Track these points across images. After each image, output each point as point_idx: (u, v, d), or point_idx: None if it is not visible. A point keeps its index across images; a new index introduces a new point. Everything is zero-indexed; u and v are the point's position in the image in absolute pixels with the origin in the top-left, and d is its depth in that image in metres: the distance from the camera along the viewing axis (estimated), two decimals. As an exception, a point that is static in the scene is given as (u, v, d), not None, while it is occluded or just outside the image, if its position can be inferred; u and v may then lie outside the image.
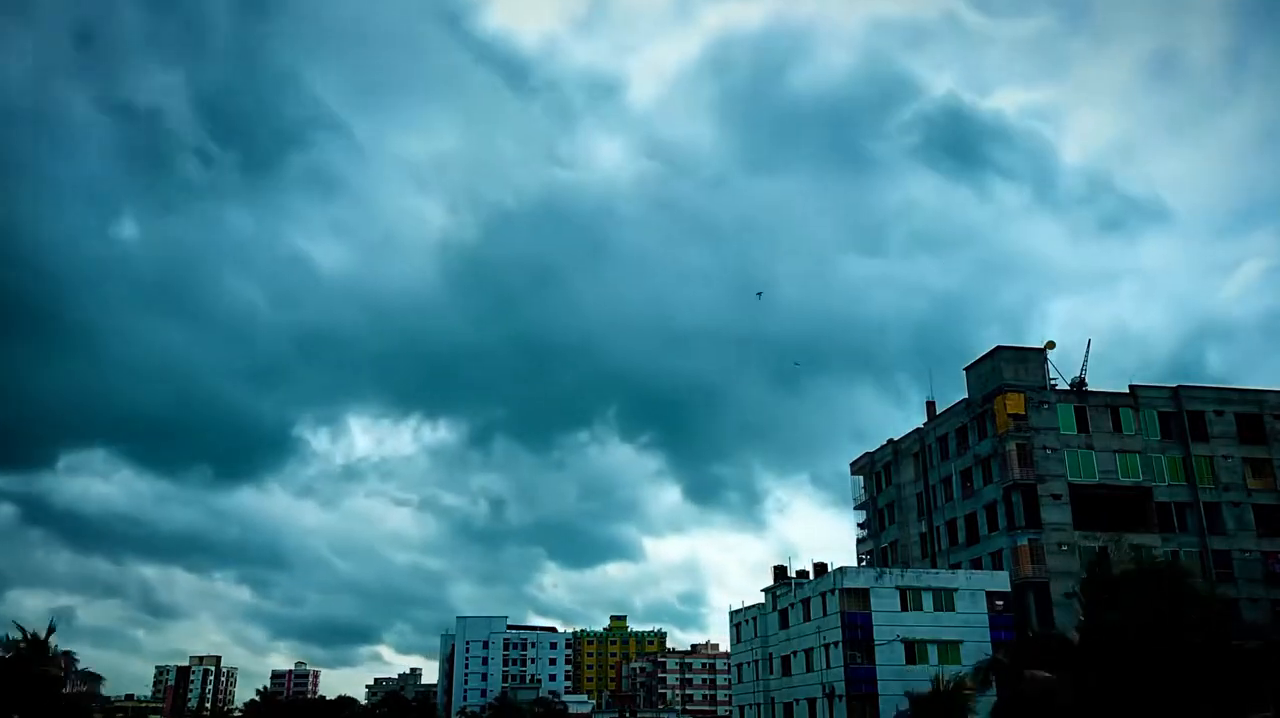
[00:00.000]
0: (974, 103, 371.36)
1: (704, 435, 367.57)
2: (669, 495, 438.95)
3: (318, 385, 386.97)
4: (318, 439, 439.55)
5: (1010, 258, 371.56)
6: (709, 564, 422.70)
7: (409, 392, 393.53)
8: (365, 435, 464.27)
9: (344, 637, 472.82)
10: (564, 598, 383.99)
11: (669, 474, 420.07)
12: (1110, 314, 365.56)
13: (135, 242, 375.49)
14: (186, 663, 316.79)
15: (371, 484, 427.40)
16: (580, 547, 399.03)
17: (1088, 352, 79.78)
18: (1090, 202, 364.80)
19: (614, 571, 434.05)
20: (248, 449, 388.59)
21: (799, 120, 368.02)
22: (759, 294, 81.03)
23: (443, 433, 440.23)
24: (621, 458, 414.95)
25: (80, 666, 48.14)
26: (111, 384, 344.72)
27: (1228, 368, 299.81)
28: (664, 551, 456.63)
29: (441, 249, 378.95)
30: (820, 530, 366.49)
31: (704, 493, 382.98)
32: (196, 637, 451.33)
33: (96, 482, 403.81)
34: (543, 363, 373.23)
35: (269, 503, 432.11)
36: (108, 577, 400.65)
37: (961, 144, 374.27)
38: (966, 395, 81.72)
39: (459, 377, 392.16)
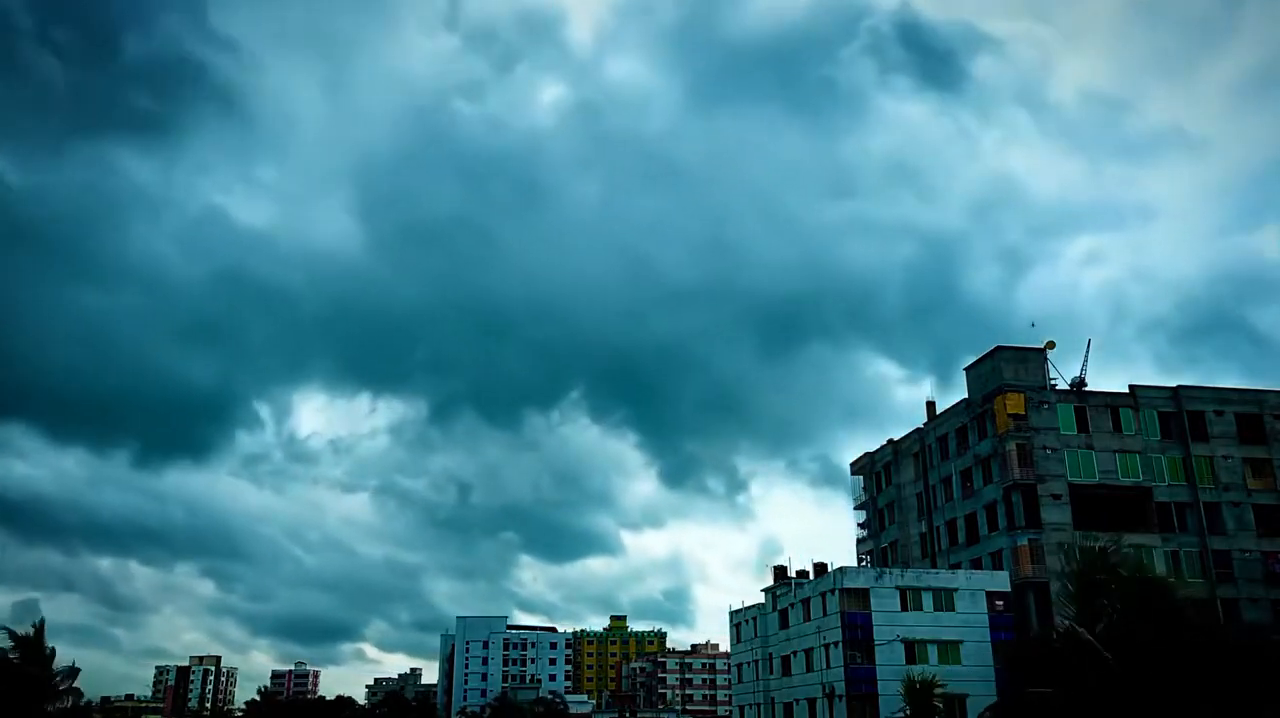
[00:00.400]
0: (937, 16, 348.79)
1: (679, 411, 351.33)
2: (645, 482, 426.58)
3: (250, 355, 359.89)
4: (255, 415, 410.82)
5: (1007, 191, 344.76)
6: (692, 559, 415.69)
7: (354, 362, 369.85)
8: (311, 410, 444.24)
9: (322, 634, 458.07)
10: (546, 594, 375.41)
11: (644, 457, 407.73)
12: (1130, 255, 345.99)
13: (14, 188, 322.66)
14: (186, 663, 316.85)
15: (324, 467, 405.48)
16: (556, 539, 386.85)
17: (1088, 352, 79.89)
18: (1104, 128, 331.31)
19: (596, 566, 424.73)
20: (180, 424, 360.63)
21: (752, 52, 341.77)
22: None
23: (397, 409, 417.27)
24: (591, 439, 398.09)
25: (57, 663, 47.80)
26: (15, 350, 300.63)
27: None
28: (645, 545, 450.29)
29: (367, 203, 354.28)
30: (808, 521, 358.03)
31: (682, 477, 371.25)
32: (170, 636, 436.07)
33: (16, 462, 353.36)
34: (497, 329, 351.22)
35: (211, 486, 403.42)
36: (63, 569, 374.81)
37: (933, 62, 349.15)
38: (966, 395, 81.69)
39: (406, 345, 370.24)
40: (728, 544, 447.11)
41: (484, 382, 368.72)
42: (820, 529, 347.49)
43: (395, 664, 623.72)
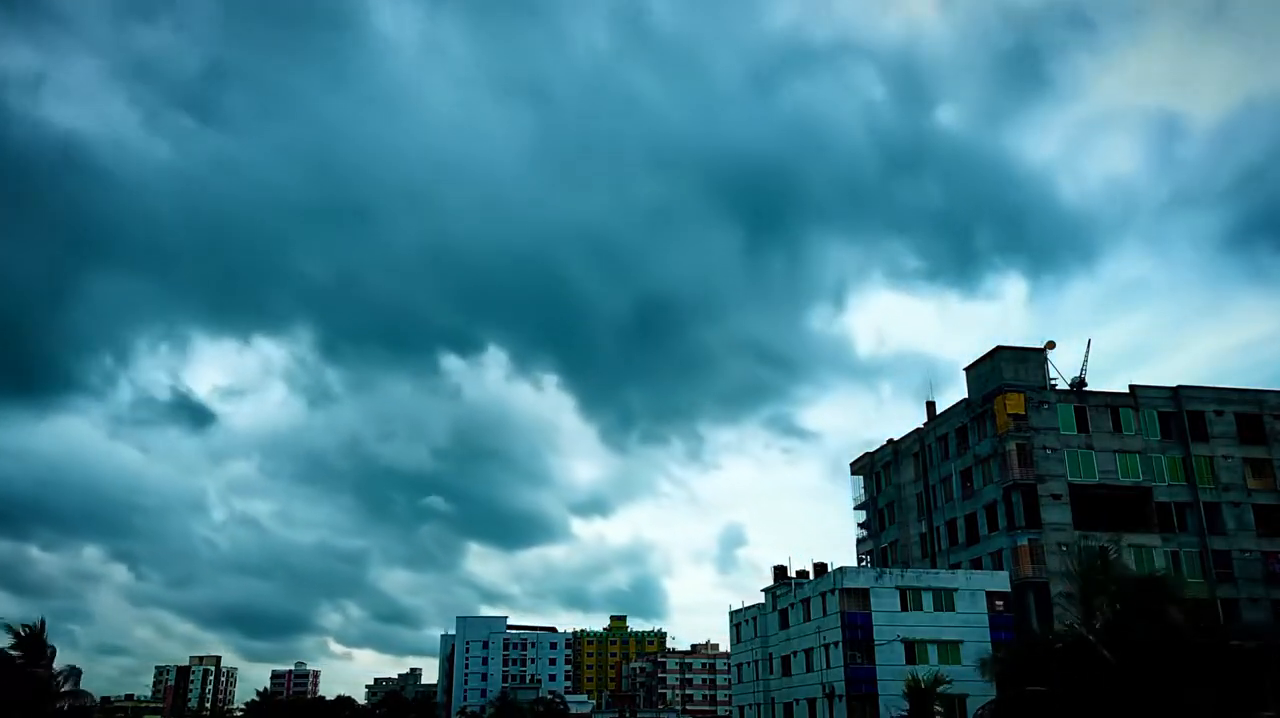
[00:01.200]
0: None
1: (611, 355, 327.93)
2: (587, 457, 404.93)
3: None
4: (105, 360, 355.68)
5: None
6: (655, 546, 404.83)
7: (218, 288, 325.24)
8: (191, 356, 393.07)
9: (268, 628, 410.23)
10: (504, 584, 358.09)
11: (580, 415, 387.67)
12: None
13: None
14: (186, 663, 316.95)
15: (218, 424, 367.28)
16: (502, 522, 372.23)
17: (1088, 352, 79.95)
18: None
19: (554, 556, 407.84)
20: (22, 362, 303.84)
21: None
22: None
23: (282, 351, 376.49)
24: (520, 391, 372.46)
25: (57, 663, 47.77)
26: None
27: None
28: (601, 533, 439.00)
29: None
30: (781, 501, 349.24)
31: (626, 441, 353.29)
32: (111, 629, 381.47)
33: None
34: (363, 221, 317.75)
35: (74, 440, 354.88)
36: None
37: None
38: (966, 395, 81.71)
39: (269, 260, 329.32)
40: (686, 526, 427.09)
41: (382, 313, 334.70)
42: (789, 517, 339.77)
43: (369, 663, 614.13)
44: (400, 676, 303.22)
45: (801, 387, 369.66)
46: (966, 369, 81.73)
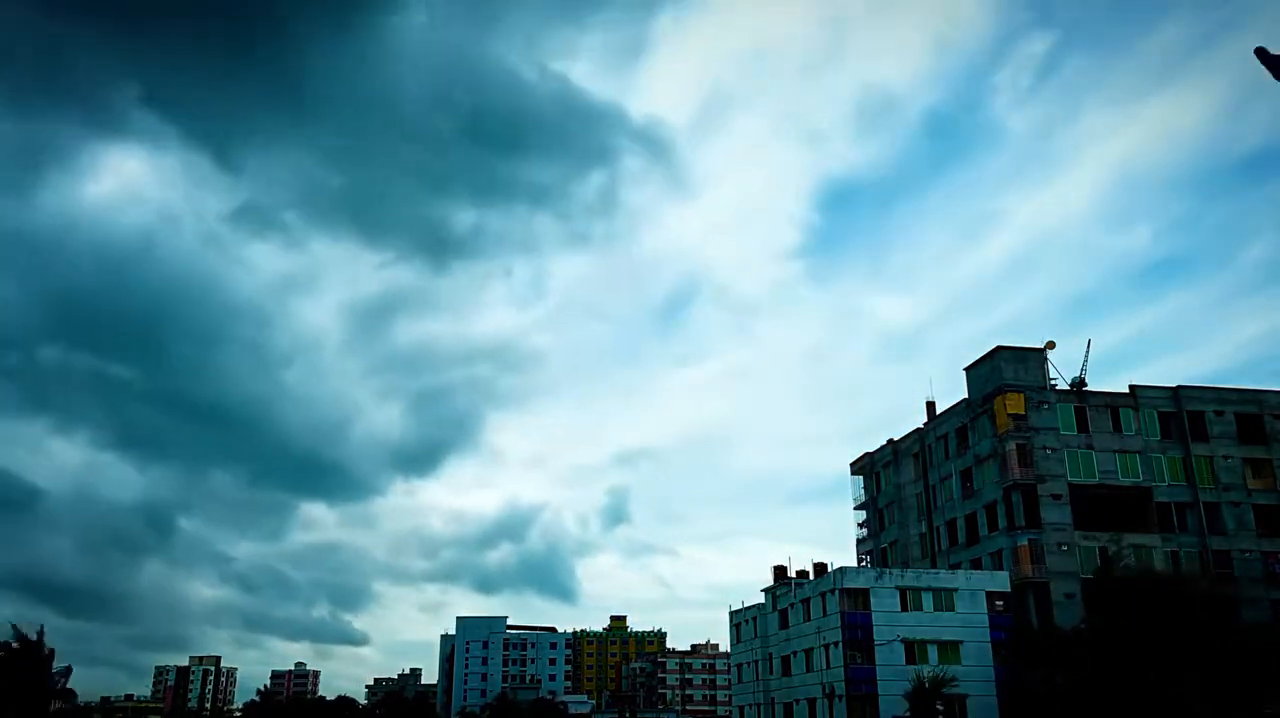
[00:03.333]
0: None
1: None
2: None
3: None
4: None
5: None
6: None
7: None
8: None
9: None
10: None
11: None
12: None
13: None
14: (186, 663, 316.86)
15: None
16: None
17: (1088, 352, 79.93)
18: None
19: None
20: None
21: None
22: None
23: None
24: None
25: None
26: None
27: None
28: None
29: None
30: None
31: None
32: None
33: None
34: None
35: None
36: None
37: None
38: (966, 395, 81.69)
39: None
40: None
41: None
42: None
43: (286, 650, 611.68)
44: (400, 676, 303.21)
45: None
46: (966, 369, 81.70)
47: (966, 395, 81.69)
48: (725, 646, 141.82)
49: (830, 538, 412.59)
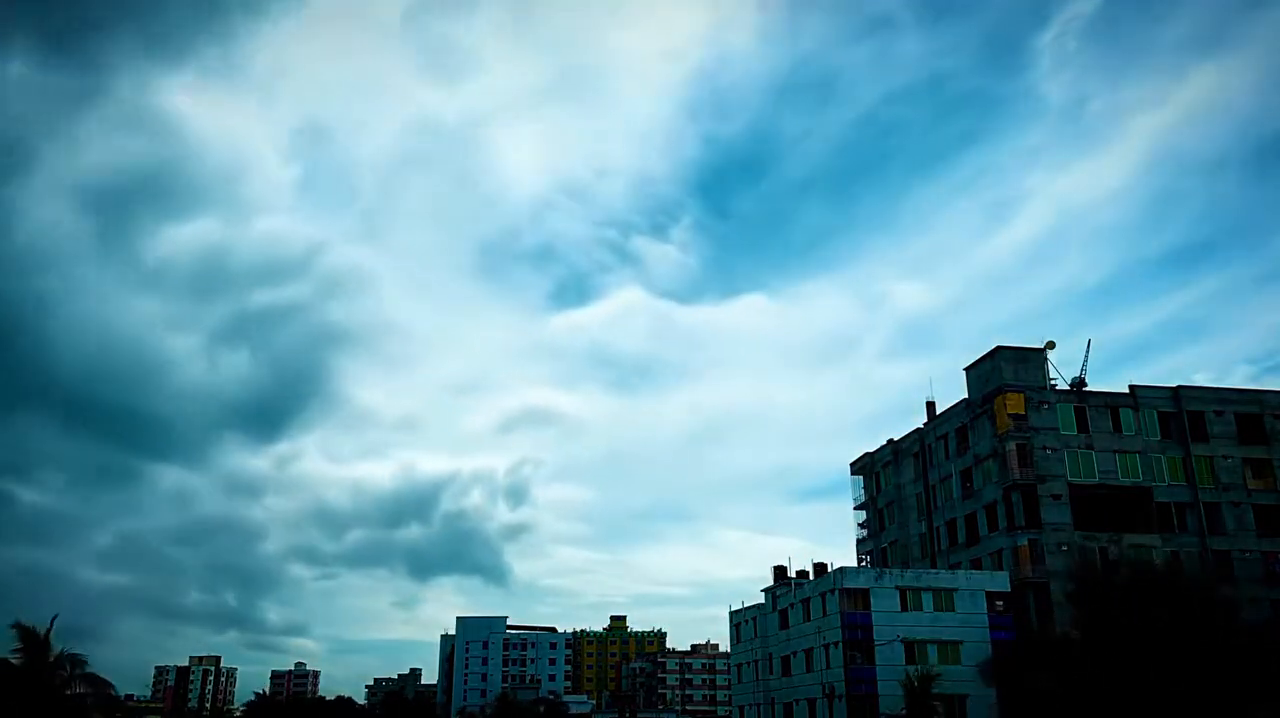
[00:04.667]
0: None
1: None
2: None
3: None
4: None
5: None
6: None
7: None
8: None
9: None
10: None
11: None
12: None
13: None
14: (186, 663, 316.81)
15: None
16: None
17: (1088, 351, 79.98)
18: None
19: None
20: None
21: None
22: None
23: None
24: None
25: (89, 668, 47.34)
26: None
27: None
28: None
29: None
30: None
31: None
32: None
33: None
34: None
35: None
36: None
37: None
38: (966, 395, 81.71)
39: None
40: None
41: None
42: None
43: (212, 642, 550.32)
44: (400, 676, 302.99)
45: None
46: (966, 369, 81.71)
47: (966, 395, 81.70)
48: (725, 646, 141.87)
49: (831, 538, 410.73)
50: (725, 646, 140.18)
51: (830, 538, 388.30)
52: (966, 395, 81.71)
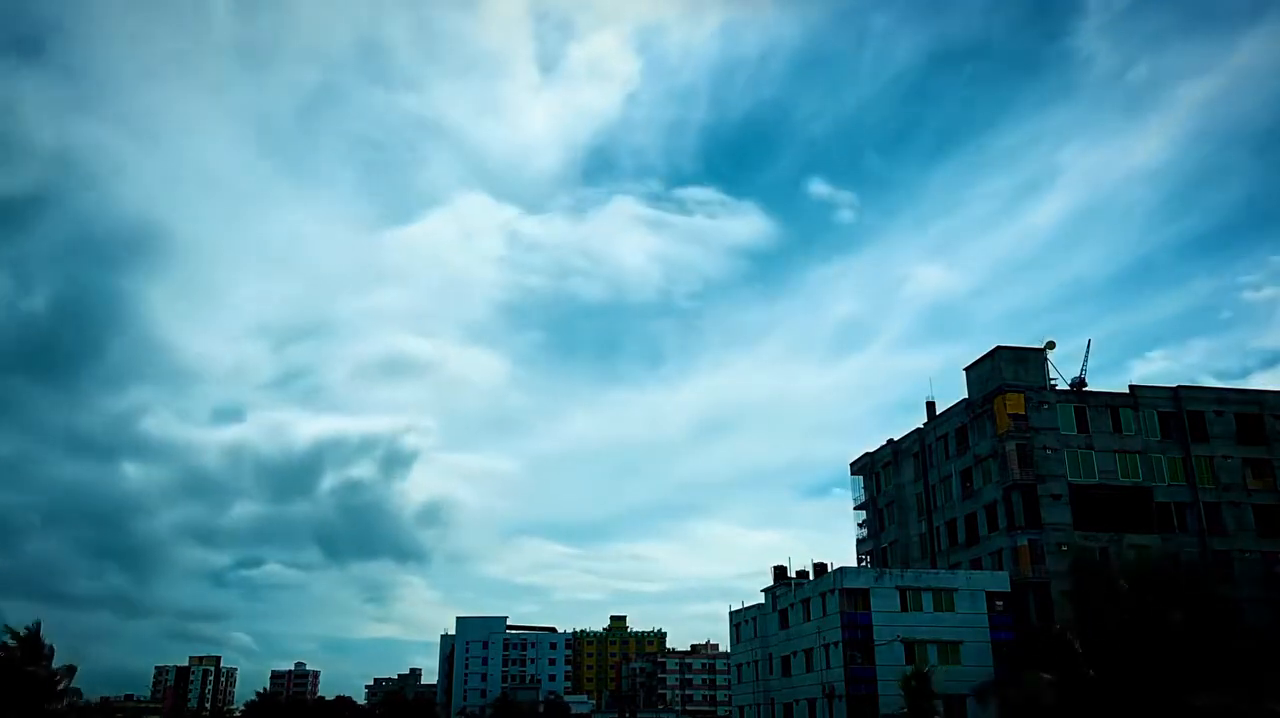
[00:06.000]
0: None
1: None
2: None
3: None
4: None
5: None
6: None
7: None
8: None
9: None
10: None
11: None
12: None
13: None
14: (186, 663, 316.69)
15: None
16: None
17: (1088, 351, 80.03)
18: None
19: None
20: None
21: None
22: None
23: None
24: None
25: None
26: None
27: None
28: None
29: None
30: None
31: None
32: None
33: None
34: None
35: None
36: None
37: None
38: (966, 395, 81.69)
39: None
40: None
41: None
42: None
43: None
44: (400, 676, 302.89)
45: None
46: (966, 369, 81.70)
47: (966, 395, 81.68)
48: (725, 646, 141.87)
49: (831, 538, 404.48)
50: (725, 646, 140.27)
51: (830, 538, 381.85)
52: (966, 395, 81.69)
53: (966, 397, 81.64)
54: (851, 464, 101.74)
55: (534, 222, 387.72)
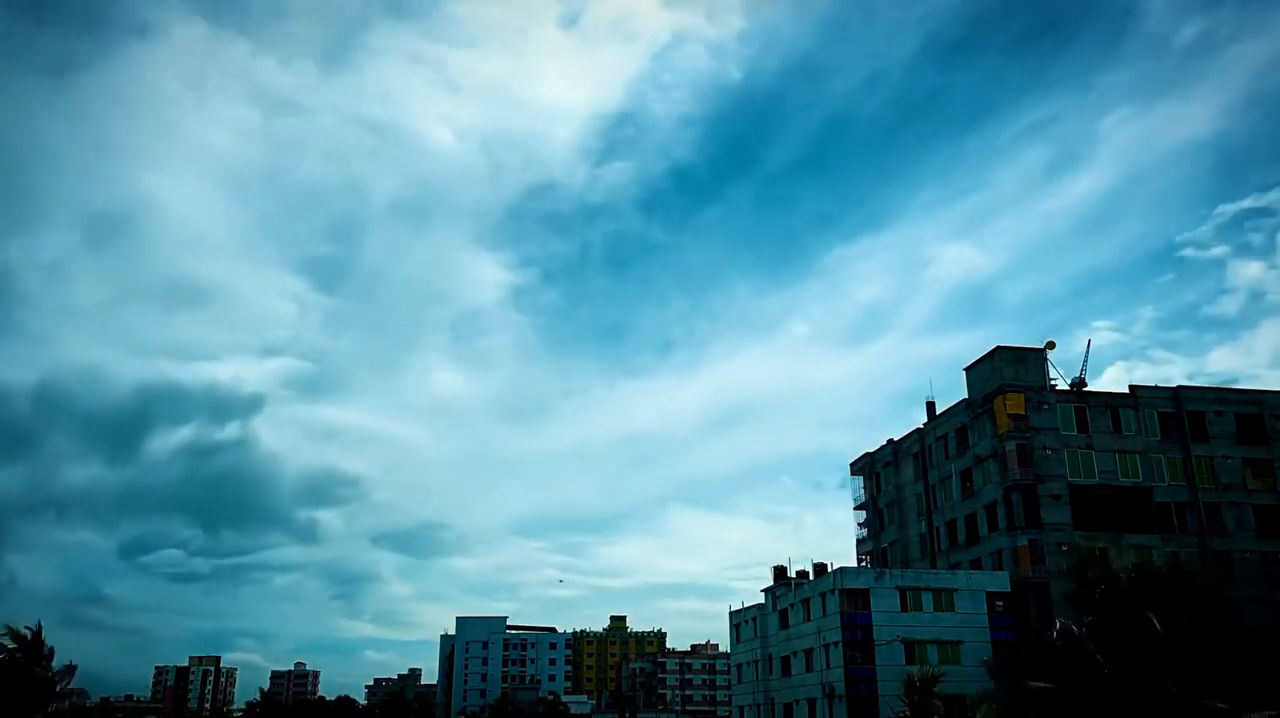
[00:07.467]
0: None
1: None
2: None
3: None
4: None
5: None
6: None
7: None
8: None
9: None
10: None
11: None
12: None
13: None
14: (185, 663, 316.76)
15: None
16: None
17: (1088, 351, 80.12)
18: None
19: None
20: None
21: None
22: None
23: None
24: None
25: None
26: None
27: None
28: None
29: None
30: None
31: None
32: None
33: None
34: None
35: None
36: None
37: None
38: (966, 395, 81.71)
39: None
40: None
41: None
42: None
43: None
44: (400, 676, 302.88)
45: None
46: (966, 369, 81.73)
47: (966, 395, 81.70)
48: (725, 646, 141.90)
49: (831, 538, 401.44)
50: (725, 646, 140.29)
51: (830, 538, 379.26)
52: (966, 395, 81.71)
53: (966, 397, 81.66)
54: (851, 464, 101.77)
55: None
